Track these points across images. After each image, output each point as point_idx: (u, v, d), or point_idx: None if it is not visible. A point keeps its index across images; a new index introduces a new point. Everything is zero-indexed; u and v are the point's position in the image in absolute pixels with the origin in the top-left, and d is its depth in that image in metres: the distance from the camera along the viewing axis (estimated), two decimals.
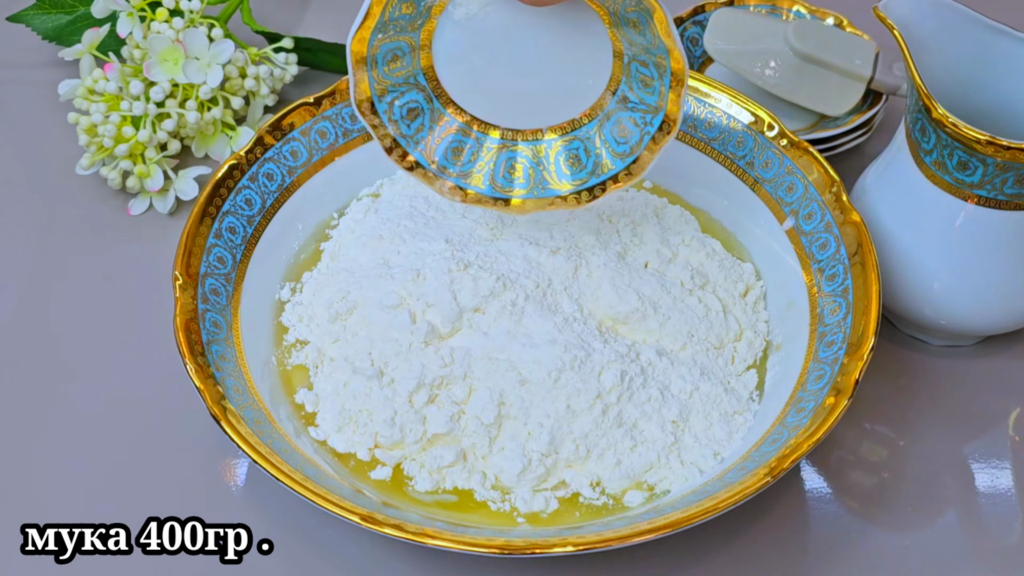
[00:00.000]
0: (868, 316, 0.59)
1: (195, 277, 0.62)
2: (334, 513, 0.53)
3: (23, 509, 0.61)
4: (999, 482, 0.63)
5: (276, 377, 0.63)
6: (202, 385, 0.57)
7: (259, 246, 0.66)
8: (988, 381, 0.67)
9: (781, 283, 0.66)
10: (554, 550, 0.52)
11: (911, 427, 0.65)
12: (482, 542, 0.52)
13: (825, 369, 0.59)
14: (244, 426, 0.56)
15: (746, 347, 0.64)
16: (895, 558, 0.60)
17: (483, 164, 0.62)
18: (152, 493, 0.62)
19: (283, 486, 0.54)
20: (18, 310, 0.71)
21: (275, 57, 0.80)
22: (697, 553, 0.60)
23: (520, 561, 0.59)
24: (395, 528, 0.52)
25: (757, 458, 0.56)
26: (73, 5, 0.83)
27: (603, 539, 0.52)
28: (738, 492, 0.53)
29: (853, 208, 0.64)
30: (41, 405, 0.66)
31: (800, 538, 0.61)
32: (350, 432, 0.60)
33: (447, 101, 0.62)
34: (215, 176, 0.66)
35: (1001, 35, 0.62)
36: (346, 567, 0.59)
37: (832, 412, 0.56)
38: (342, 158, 0.71)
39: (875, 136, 0.79)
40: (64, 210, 0.76)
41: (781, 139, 0.68)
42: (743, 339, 0.64)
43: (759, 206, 0.68)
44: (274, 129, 0.68)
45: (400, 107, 0.61)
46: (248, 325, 0.63)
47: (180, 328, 0.59)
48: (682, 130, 0.71)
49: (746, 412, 0.61)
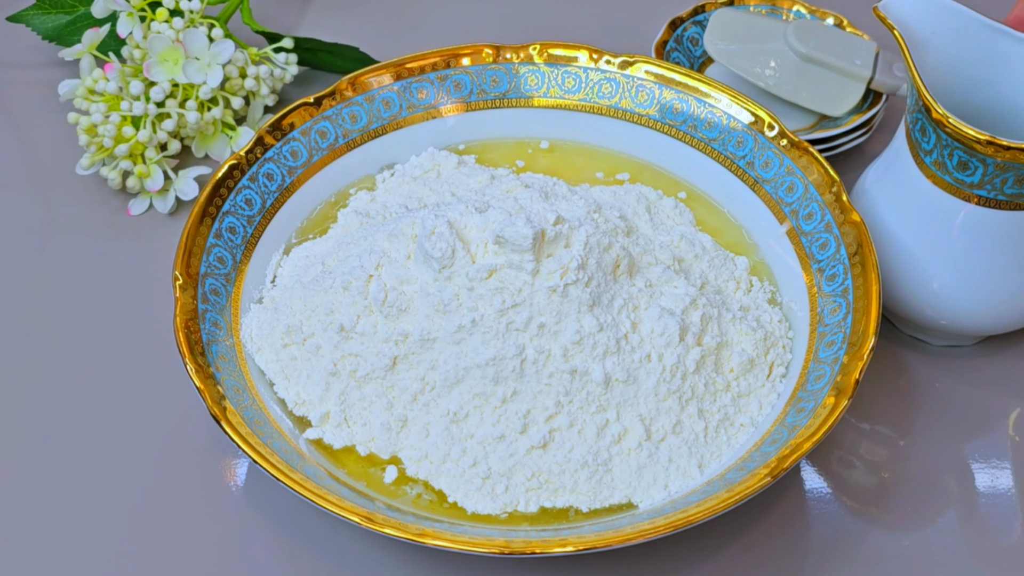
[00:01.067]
0: (868, 316, 0.59)
1: (195, 277, 0.62)
2: (334, 513, 0.53)
3: (22, 509, 0.61)
4: (999, 482, 0.63)
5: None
6: (202, 385, 0.57)
7: (259, 246, 0.66)
8: (988, 381, 0.67)
9: (781, 283, 0.66)
10: (554, 550, 0.52)
11: (911, 427, 0.65)
12: (482, 542, 0.52)
13: (825, 369, 0.59)
14: (244, 426, 0.56)
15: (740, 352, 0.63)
16: (895, 558, 0.60)
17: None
18: (152, 493, 0.62)
19: (283, 486, 0.54)
20: (18, 310, 0.71)
21: (275, 57, 0.80)
22: (697, 553, 0.60)
23: (519, 561, 0.59)
24: (395, 528, 0.52)
25: (757, 458, 0.56)
26: (73, 5, 0.83)
27: (603, 539, 0.52)
28: (738, 492, 0.53)
29: (853, 208, 0.64)
30: (41, 405, 0.66)
31: (800, 538, 0.61)
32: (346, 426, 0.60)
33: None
34: (215, 176, 0.66)
35: (1001, 35, 0.62)
36: (346, 567, 0.59)
37: (832, 412, 0.56)
38: (342, 158, 0.71)
39: (875, 136, 0.79)
40: (64, 210, 0.76)
41: (781, 139, 0.68)
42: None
43: (759, 206, 0.68)
44: (274, 129, 0.68)
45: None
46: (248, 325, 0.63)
47: (180, 328, 0.59)
48: (682, 130, 0.71)
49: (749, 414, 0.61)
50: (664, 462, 0.58)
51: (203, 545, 0.60)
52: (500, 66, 0.73)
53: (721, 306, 0.63)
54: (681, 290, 0.61)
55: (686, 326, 0.60)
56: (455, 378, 0.58)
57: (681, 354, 0.59)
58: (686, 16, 0.82)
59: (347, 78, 0.71)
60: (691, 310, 0.61)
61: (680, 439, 0.59)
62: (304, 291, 0.62)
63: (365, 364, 0.59)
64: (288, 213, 0.68)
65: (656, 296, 0.61)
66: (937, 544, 0.60)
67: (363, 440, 0.59)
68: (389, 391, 0.59)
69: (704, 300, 0.61)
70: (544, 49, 0.73)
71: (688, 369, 0.59)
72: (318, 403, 0.60)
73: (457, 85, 0.73)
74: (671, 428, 0.59)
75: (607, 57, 0.72)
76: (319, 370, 0.60)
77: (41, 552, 0.60)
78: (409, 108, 0.72)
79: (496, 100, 0.73)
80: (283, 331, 0.61)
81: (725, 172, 0.70)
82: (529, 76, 0.73)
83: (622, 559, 0.59)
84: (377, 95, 0.72)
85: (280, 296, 0.64)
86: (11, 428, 0.65)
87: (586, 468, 0.57)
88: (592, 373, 0.58)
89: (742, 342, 0.62)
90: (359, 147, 0.71)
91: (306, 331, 0.61)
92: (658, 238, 0.66)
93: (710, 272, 0.66)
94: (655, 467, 0.58)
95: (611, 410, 0.58)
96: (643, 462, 0.58)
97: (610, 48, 0.73)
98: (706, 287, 0.64)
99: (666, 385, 0.59)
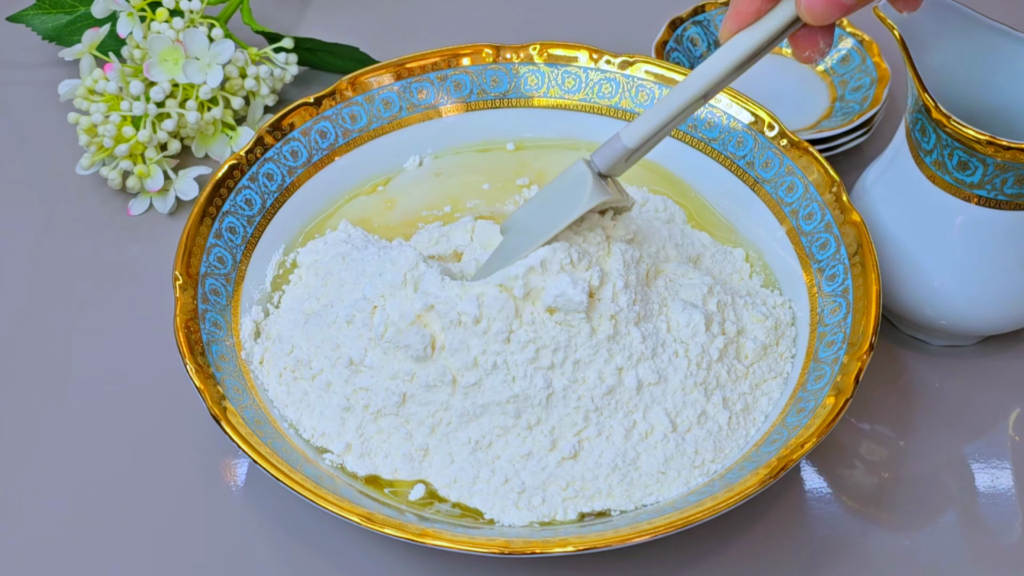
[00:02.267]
0: (868, 316, 0.59)
1: (195, 277, 0.62)
2: (334, 513, 0.53)
3: (22, 509, 0.61)
4: (999, 482, 0.63)
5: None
6: (202, 385, 0.57)
7: (259, 246, 0.66)
8: (988, 381, 0.67)
9: (781, 283, 0.66)
10: (554, 550, 0.52)
11: (911, 427, 0.65)
12: (482, 542, 0.52)
13: (825, 369, 0.59)
14: (244, 426, 0.56)
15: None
16: (895, 558, 0.60)
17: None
18: (152, 493, 0.62)
19: (283, 486, 0.54)
20: (18, 310, 0.71)
21: (275, 57, 0.80)
22: (697, 553, 0.59)
23: (519, 561, 0.59)
24: (396, 528, 0.52)
25: (757, 458, 0.56)
26: (73, 5, 0.83)
27: (603, 539, 0.52)
28: (738, 492, 0.53)
29: (853, 208, 0.64)
30: (41, 405, 0.66)
31: (800, 538, 0.60)
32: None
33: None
34: (215, 176, 0.66)
35: (1001, 35, 0.62)
36: (346, 567, 0.59)
37: (832, 412, 0.56)
38: (342, 158, 0.71)
39: (875, 136, 0.79)
40: (64, 210, 0.76)
41: (781, 139, 0.68)
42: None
43: (759, 206, 0.68)
44: (274, 129, 0.68)
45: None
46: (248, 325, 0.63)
47: (180, 328, 0.59)
48: (681, 129, 0.71)
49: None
50: (690, 454, 0.58)
51: (203, 545, 0.60)
52: (500, 66, 0.73)
53: (733, 293, 0.63)
54: (696, 279, 0.62)
55: (710, 315, 0.60)
56: (472, 415, 0.57)
57: (705, 344, 0.59)
58: (686, 16, 0.82)
59: (347, 78, 0.71)
60: (709, 298, 0.61)
61: (704, 430, 0.59)
62: (308, 326, 0.61)
63: (376, 399, 0.58)
64: (288, 213, 0.68)
65: (674, 290, 0.61)
66: (937, 544, 0.60)
67: (387, 471, 0.58)
68: (405, 424, 0.58)
69: (718, 287, 0.62)
70: (544, 49, 0.73)
71: (712, 358, 0.59)
72: (336, 436, 0.59)
73: (457, 85, 0.73)
74: (696, 419, 0.59)
75: (607, 57, 0.72)
76: (332, 406, 0.59)
77: (41, 552, 0.60)
78: (409, 108, 0.72)
79: (496, 100, 0.73)
80: (291, 366, 0.61)
81: (725, 172, 0.70)
82: (529, 76, 0.73)
83: (622, 559, 0.59)
84: (377, 95, 0.72)
85: (285, 329, 0.63)
86: (11, 428, 0.65)
87: (617, 472, 0.57)
88: (626, 382, 0.58)
89: (755, 329, 0.62)
90: (359, 147, 0.71)
91: (315, 367, 0.60)
92: (661, 234, 0.66)
93: (713, 267, 0.66)
94: (681, 459, 0.58)
95: (639, 411, 0.58)
96: (670, 453, 0.58)
97: (610, 48, 0.73)
98: (714, 277, 0.64)
99: (692, 378, 0.59)
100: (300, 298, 0.64)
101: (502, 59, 0.73)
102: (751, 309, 0.62)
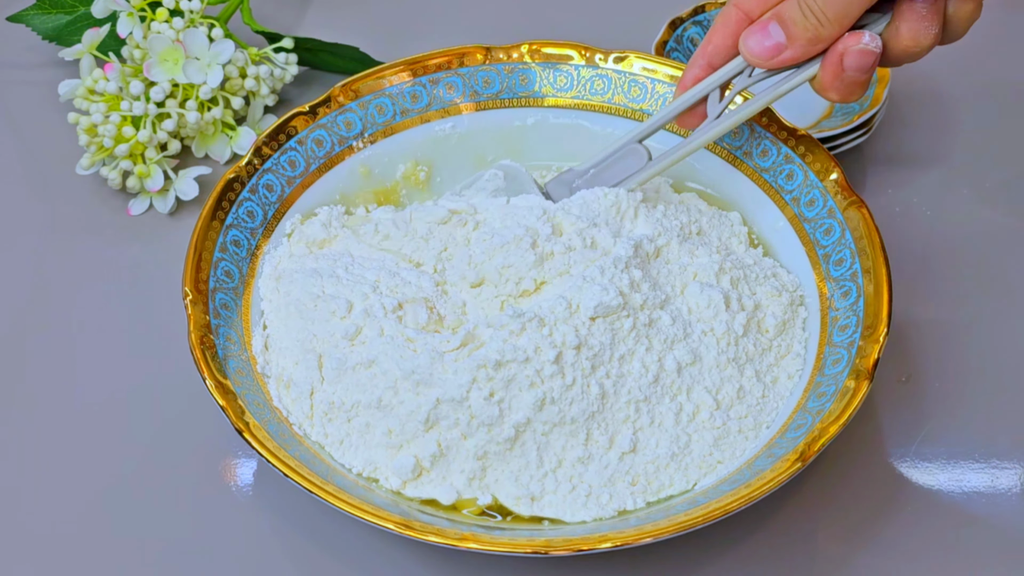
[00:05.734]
0: (880, 297, 0.60)
1: (204, 292, 0.61)
2: (370, 522, 0.52)
3: (25, 511, 0.61)
4: (999, 482, 0.63)
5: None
6: (224, 402, 0.56)
7: (264, 258, 0.66)
8: (988, 381, 0.67)
9: (787, 267, 0.66)
10: (600, 546, 0.52)
11: (911, 427, 0.65)
12: (523, 543, 0.52)
13: (842, 353, 0.59)
14: (271, 440, 0.56)
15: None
16: (896, 560, 0.60)
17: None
18: (155, 493, 0.62)
19: (319, 499, 0.53)
20: (18, 310, 0.71)
21: (275, 57, 0.80)
22: (697, 553, 0.59)
23: (541, 560, 0.58)
24: (436, 535, 0.52)
25: (784, 445, 0.56)
26: (73, 5, 0.83)
27: (642, 533, 0.52)
28: (771, 479, 0.53)
29: (855, 192, 0.64)
30: (41, 405, 0.66)
31: (801, 538, 0.60)
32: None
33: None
34: (215, 191, 0.65)
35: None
36: (360, 570, 0.59)
37: (855, 395, 0.56)
38: (339, 165, 0.70)
39: (875, 136, 0.79)
40: (64, 210, 0.76)
41: (777, 128, 0.68)
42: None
43: (759, 196, 0.68)
44: (271, 140, 0.68)
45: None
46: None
47: (196, 345, 0.58)
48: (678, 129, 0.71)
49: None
50: (735, 432, 0.59)
51: (216, 552, 0.60)
52: (491, 67, 0.73)
53: (743, 267, 0.64)
54: (704, 258, 0.63)
55: (727, 293, 0.61)
56: (512, 435, 0.58)
57: (728, 320, 0.61)
58: (686, 16, 0.82)
59: (339, 85, 0.71)
60: (722, 276, 0.62)
61: (744, 405, 0.60)
62: (332, 372, 0.60)
63: (402, 432, 0.58)
64: (290, 223, 0.68)
65: (685, 268, 0.62)
66: (938, 544, 0.60)
67: (446, 497, 0.58)
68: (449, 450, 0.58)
69: (728, 263, 0.63)
70: (535, 48, 0.73)
71: (738, 334, 0.61)
72: (392, 473, 0.58)
73: (449, 88, 0.73)
74: (736, 394, 0.60)
75: (599, 54, 0.72)
76: (375, 445, 0.59)
77: (49, 554, 0.60)
78: (403, 113, 0.72)
79: (488, 101, 0.73)
80: (324, 409, 0.59)
81: (722, 163, 0.70)
82: (521, 76, 0.73)
83: (623, 559, 0.59)
84: (371, 101, 0.71)
85: (301, 375, 0.61)
86: (11, 428, 0.65)
87: (675, 459, 0.58)
88: (667, 366, 0.59)
89: (771, 304, 0.63)
90: (356, 154, 0.71)
91: (348, 408, 0.59)
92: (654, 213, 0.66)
93: (712, 232, 0.67)
94: (729, 437, 0.59)
95: (683, 394, 0.59)
96: (718, 433, 0.59)
97: (610, 48, 0.73)
98: (720, 249, 0.65)
99: (724, 354, 0.60)
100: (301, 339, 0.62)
101: (493, 59, 0.73)
102: (764, 283, 0.64)
